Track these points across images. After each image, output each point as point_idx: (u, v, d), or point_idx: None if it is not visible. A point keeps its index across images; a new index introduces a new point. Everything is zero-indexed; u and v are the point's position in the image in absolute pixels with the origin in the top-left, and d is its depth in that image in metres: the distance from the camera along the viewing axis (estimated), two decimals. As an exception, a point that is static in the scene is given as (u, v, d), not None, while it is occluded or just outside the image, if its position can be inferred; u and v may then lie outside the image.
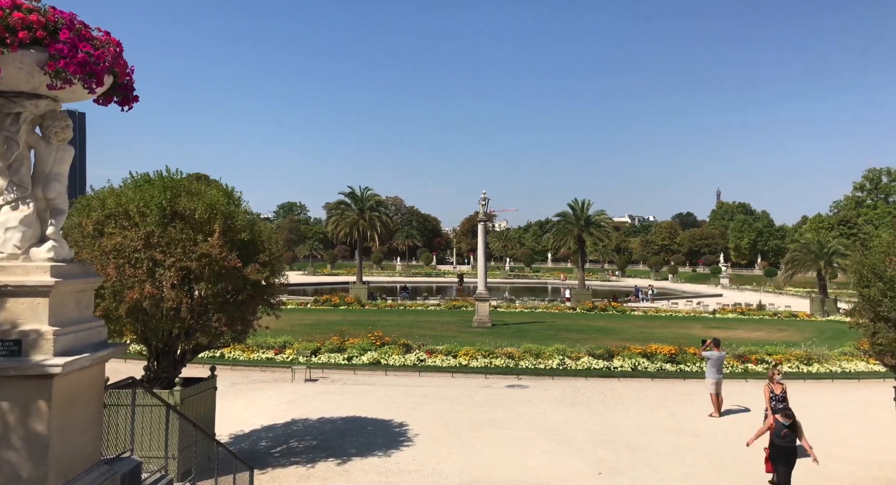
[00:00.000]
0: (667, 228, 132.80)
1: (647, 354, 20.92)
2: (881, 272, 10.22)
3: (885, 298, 10.01)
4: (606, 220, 57.87)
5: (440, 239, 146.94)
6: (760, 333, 30.92)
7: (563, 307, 44.75)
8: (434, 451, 11.65)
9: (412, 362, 20.40)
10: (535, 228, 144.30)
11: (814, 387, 18.82)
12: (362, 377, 19.20)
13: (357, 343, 21.63)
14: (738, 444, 12.44)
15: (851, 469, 10.88)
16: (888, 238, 11.34)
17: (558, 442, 12.33)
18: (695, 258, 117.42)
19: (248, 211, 11.17)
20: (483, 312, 32.39)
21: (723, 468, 10.87)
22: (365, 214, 51.78)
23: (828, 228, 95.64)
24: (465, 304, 42.13)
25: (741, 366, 20.41)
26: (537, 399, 16.48)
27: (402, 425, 13.48)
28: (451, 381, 18.91)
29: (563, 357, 20.67)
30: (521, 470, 10.65)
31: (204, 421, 10.18)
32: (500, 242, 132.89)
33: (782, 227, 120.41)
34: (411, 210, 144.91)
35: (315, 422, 13.88)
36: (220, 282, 9.67)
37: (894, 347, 9.88)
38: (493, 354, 20.80)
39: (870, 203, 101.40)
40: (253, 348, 21.33)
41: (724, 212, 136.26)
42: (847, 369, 20.36)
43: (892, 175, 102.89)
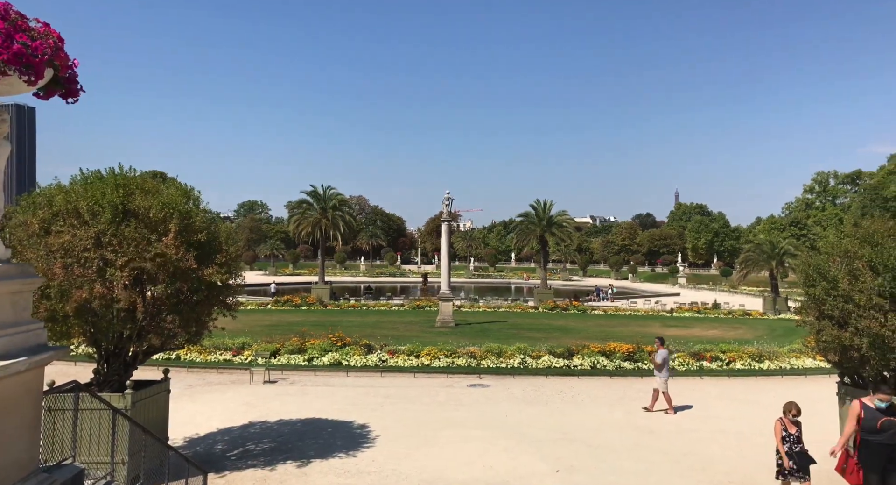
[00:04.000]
0: (627, 228, 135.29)
1: (606, 353, 21.28)
2: (825, 272, 10.61)
3: (828, 297, 10.39)
4: (568, 220, 58.60)
5: (405, 239, 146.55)
6: (715, 331, 31.79)
7: (526, 306, 45.16)
8: (394, 451, 11.62)
9: (374, 363, 20.29)
10: (499, 228, 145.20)
11: (764, 383, 19.43)
12: (323, 379, 19.00)
13: (318, 344, 21.40)
14: (693, 440, 12.80)
15: (797, 462, 11.23)
16: (833, 239, 11.80)
17: (518, 441, 12.42)
18: (654, 258, 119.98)
19: (207, 210, 10.94)
20: (446, 312, 32.45)
21: (677, 464, 11.12)
22: (328, 214, 51.24)
23: (780, 228, 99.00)
24: (429, 304, 42.13)
25: (696, 363, 20.94)
26: (498, 398, 16.58)
27: (363, 426, 13.40)
28: (413, 381, 18.88)
29: (524, 356, 20.85)
30: (480, 469, 10.70)
31: (156, 425, 9.92)
32: (464, 242, 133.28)
33: (737, 228, 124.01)
34: (375, 210, 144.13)
35: (273, 424, 13.68)
36: (175, 282, 9.46)
37: (837, 344, 10.25)
38: (456, 354, 20.85)
39: (818, 205, 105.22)
40: (210, 350, 20.90)
41: (682, 213, 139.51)
42: (796, 365, 21.09)
43: (838, 178, 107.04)
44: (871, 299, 9.68)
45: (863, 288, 9.81)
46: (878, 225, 10.60)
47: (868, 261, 10.05)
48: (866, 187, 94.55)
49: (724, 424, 14.12)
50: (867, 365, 10.09)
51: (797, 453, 9.15)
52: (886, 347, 9.47)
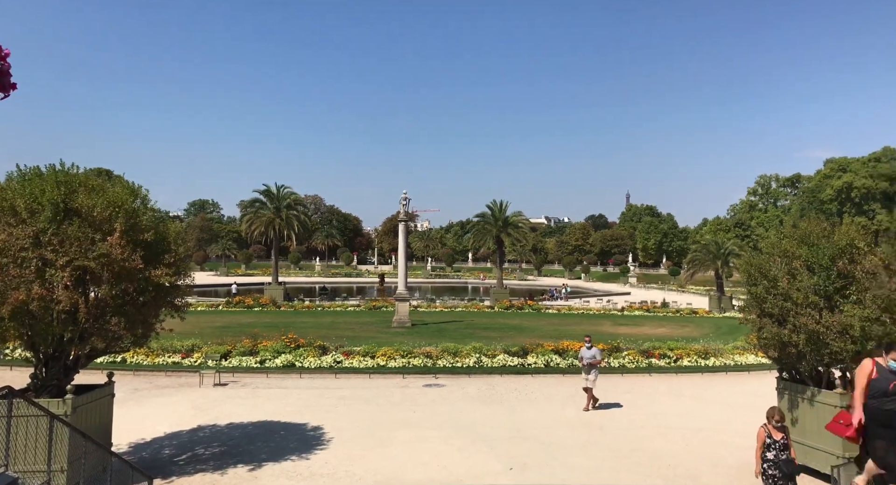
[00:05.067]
0: (580, 229, 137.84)
1: (560, 351, 21.63)
2: (766, 271, 11.05)
3: (769, 296, 10.82)
4: (524, 221, 59.23)
5: (361, 239, 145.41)
6: (664, 329, 32.71)
7: (483, 306, 45.47)
8: (348, 453, 11.53)
9: (328, 364, 20.07)
10: (456, 229, 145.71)
11: (710, 379, 20.13)
12: (276, 381, 18.70)
13: (271, 346, 21.04)
14: (641, 436, 13.14)
15: (739, 455, 11.68)
16: (773, 239, 12.32)
17: (473, 440, 12.51)
18: (606, 258, 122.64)
19: (155, 209, 10.64)
20: (403, 312, 32.36)
21: (625, 460, 11.40)
22: (281, 213, 50.32)
23: (725, 230, 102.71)
24: (386, 304, 41.95)
25: (645, 361, 21.50)
26: (453, 398, 16.66)
27: (317, 428, 13.25)
28: (369, 382, 18.77)
29: (479, 355, 21.00)
30: (434, 469, 10.73)
31: (99, 430, 9.58)
32: (421, 242, 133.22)
33: (685, 228, 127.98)
34: (331, 209, 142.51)
35: (224, 428, 13.38)
36: (120, 283, 9.16)
37: (777, 341, 10.68)
38: (412, 354, 20.83)
39: (761, 207, 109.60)
40: (158, 352, 20.31)
41: (632, 214, 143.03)
42: (739, 361, 21.90)
43: (780, 181, 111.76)
44: (808, 297, 10.15)
45: (800, 287, 10.27)
46: (813, 226, 11.09)
47: (805, 261, 10.53)
48: (805, 190, 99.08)
49: (672, 420, 14.55)
50: (804, 360, 10.56)
51: (783, 461, 8.62)
52: (821, 342, 9.94)
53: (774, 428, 8.82)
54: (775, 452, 8.59)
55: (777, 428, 8.81)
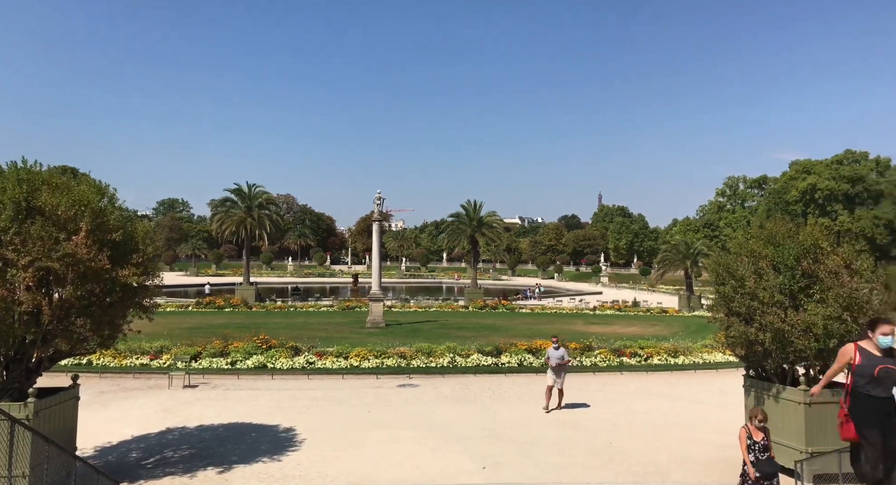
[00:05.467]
0: (553, 229, 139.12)
1: (533, 350, 21.78)
2: (734, 271, 11.27)
3: (736, 295, 11.04)
4: (498, 221, 59.54)
5: (335, 239, 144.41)
6: (635, 328, 33.17)
7: (457, 306, 45.55)
8: (320, 454, 11.44)
9: (301, 365, 19.89)
10: (430, 229, 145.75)
11: (679, 377, 20.48)
12: (247, 382, 18.46)
13: (242, 347, 20.76)
14: (612, 433, 13.30)
15: (707, 451, 11.93)
16: (741, 240, 12.58)
17: (446, 440, 12.52)
18: (578, 258, 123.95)
19: (123, 208, 10.43)
20: (377, 313, 32.24)
21: (597, 457, 11.53)
22: (253, 212, 49.68)
23: (694, 230, 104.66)
24: (359, 304, 41.74)
25: (617, 359, 21.77)
26: (427, 398, 16.65)
27: (289, 430, 13.12)
28: (342, 383, 18.65)
29: (453, 355, 21.03)
30: (408, 469, 10.71)
31: (63, 434, 9.34)
32: (396, 242, 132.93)
33: (656, 229, 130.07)
34: (304, 209, 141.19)
35: (193, 430, 13.16)
36: (85, 284, 8.94)
37: (744, 339, 10.90)
38: (386, 355, 20.76)
39: (729, 208, 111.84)
40: (125, 354, 19.90)
41: (604, 214, 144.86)
42: (708, 360, 22.31)
43: (747, 183, 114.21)
44: (774, 296, 10.39)
45: (766, 286, 10.50)
46: (779, 227, 11.36)
47: (771, 260, 10.77)
48: (771, 191, 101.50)
49: (642, 417, 14.77)
50: (769, 358, 10.79)
51: (763, 462, 8.57)
52: (786, 340, 10.18)
53: (756, 428, 8.77)
54: (755, 453, 8.58)
55: (758, 428, 8.76)
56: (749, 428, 8.77)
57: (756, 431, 8.72)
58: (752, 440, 8.62)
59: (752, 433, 8.70)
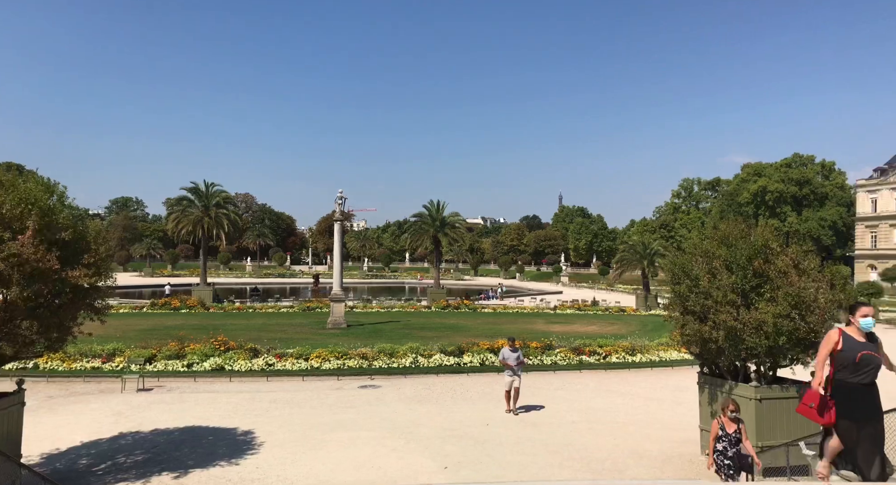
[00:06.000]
0: (515, 229, 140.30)
1: (495, 350, 21.90)
2: (689, 271, 11.59)
3: (691, 294, 11.36)
4: (460, 221, 59.76)
5: (295, 238, 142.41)
6: (594, 326, 33.74)
7: (419, 306, 45.50)
8: (280, 457, 11.28)
9: (260, 367, 19.56)
10: (393, 229, 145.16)
11: (636, 375, 20.91)
12: (204, 385, 18.05)
13: (198, 349, 20.29)
14: (572, 431, 13.49)
15: (662, 447, 12.22)
16: (696, 240, 12.93)
17: (408, 440, 12.50)
18: (539, 258, 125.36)
19: (74, 206, 10.07)
20: (338, 313, 31.94)
21: (557, 455, 11.67)
22: (210, 211, 48.57)
23: (651, 231, 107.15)
24: (320, 305, 41.28)
25: (576, 358, 22.10)
26: (389, 398, 16.59)
27: (248, 433, 12.88)
28: (302, 384, 18.42)
29: (416, 356, 21.00)
30: (369, 470, 10.65)
31: (7, 441, 8.97)
32: (358, 242, 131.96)
33: (614, 229, 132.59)
34: (263, 208, 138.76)
35: (148, 434, 12.80)
36: (32, 285, 8.59)
37: (698, 337, 11.21)
38: (347, 356, 20.59)
39: (684, 209, 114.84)
40: (75, 357, 19.22)
41: (565, 215, 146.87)
42: (664, 357, 22.85)
43: (701, 185, 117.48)
44: (727, 295, 10.71)
45: (719, 285, 10.82)
46: (732, 228, 11.72)
47: (724, 260, 11.11)
48: (724, 193, 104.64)
49: (601, 414, 15.03)
50: (723, 355, 11.14)
51: (735, 454, 8.57)
52: (738, 338, 10.51)
53: (729, 420, 8.76)
54: (725, 444, 8.61)
55: (731, 420, 8.75)
56: (722, 420, 8.83)
57: (729, 422, 8.75)
58: (725, 432, 8.68)
59: (725, 425, 8.76)
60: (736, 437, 8.64)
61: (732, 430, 8.66)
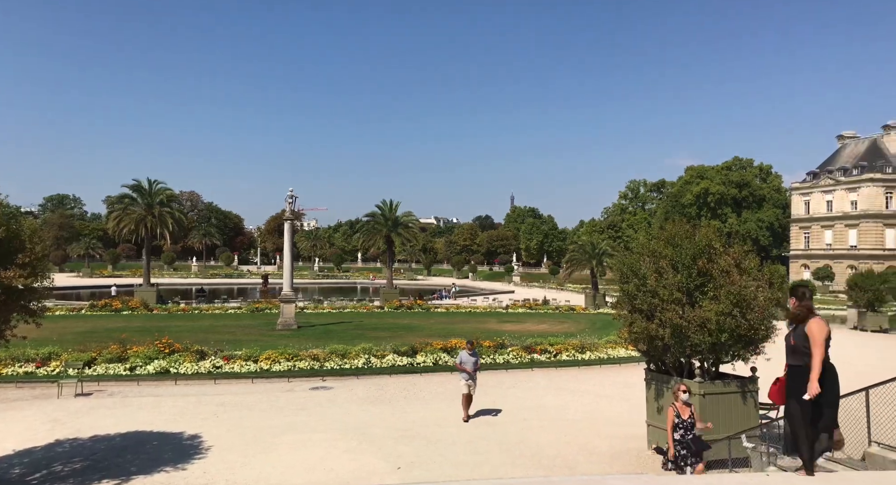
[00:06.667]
0: (468, 229, 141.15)
1: (448, 349, 21.98)
2: (637, 270, 11.91)
3: (639, 293, 11.66)
4: (414, 221, 59.67)
5: (243, 238, 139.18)
6: (544, 325, 34.26)
7: (372, 307, 45.20)
8: (228, 461, 10.99)
9: (207, 370, 19.02)
10: (345, 228, 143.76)
11: (586, 372, 21.36)
12: (147, 389, 17.43)
13: (142, 351, 19.58)
14: (524, 429, 13.65)
15: (611, 443, 12.51)
16: (643, 240, 13.29)
17: (360, 441, 12.39)
18: (492, 258, 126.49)
19: (5, 204, 9.57)
20: (288, 314, 31.41)
21: (509, 453, 11.79)
22: (154, 210, 46.94)
23: (599, 231, 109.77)
24: (270, 306, 40.46)
25: (528, 356, 22.39)
26: (341, 399, 16.41)
27: (194, 437, 12.50)
28: (251, 387, 18.02)
29: (368, 356, 20.84)
30: (320, 472, 10.51)
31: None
32: (308, 242, 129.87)
33: (564, 229, 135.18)
34: (210, 207, 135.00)
35: (87, 441, 12.26)
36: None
37: (645, 335, 11.53)
38: (298, 357, 20.25)
39: (631, 210, 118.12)
40: (7, 362, 18.28)
41: (516, 215, 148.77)
42: (612, 355, 23.41)
43: (647, 186, 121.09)
44: (673, 294, 11.05)
45: (666, 284, 11.15)
46: (678, 228, 12.10)
47: (670, 260, 11.46)
48: (669, 195, 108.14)
49: (552, 412, 15.28)
50: (669, 352, 11.48)
51: (690, 440, 8.59)
52: (684, 336, 10.86)
53: (682, 405, 8.87)
54: (682, 431, 8.73)
55: (684, 404, 8.85)
56: (676, 407, 8.99)
57: (683, 407, 8.88)
58: (680, 418, 8.84)
59: (680, 411, 8.91)
60: (690, 421, 8.84)
61: (687, 414, 8.84)
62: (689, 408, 8.87)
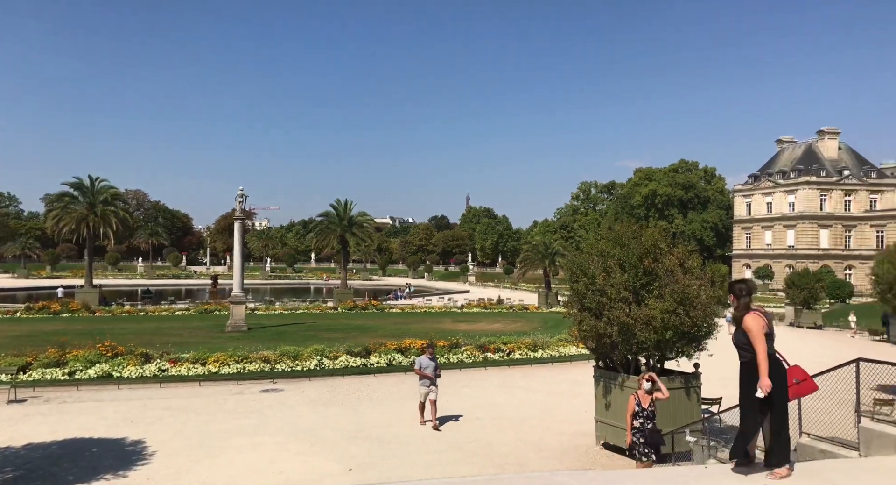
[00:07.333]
0: (424, 229, 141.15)
1: (402, 350, 21.92)
2: (586, 269, 12.17)
3: (588, 291, 11.93)
4: (368, 221, 59.24)
5: (192, 238, 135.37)
6: (498, 324, 34.59)
7: (325, 308, 44.69)
8: (173, 466, 10.67)
9: (153, 373, 18.43)
10: (298, 228, 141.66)
11: (538, 370, 21.66)
12: (88, 394, 16.76)
13: (82, 355, 18.81)
14: (477, 427, 13.74)
15: (561, 440, 12.73)
16: (592, 240, 13.58)
17: (312, 443, 12.24)
18: (448, 258, 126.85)
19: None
20: (238, 316, 30.74)
21: (461, 452, 11.85)
22: (96, 209, 45.13)
23: (552, 231, 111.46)
24: (220, 307, 39.54)
25: (482, 355, 22.55)
26: (293, 401, 16.17)
27: (138, 443, 12.08)
28: (199, 390, 17.55)
29: (321, 357, 20.58)
30: (269, 475, 10.32)
31: None
32: (260, 242, 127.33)
33: (518, 230, 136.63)
34: (157, 205, 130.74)
35: (20, 450, 11.68)
36: None
37: (594, 333, 11.79)
38: (248, 359, 19.82)
39: (583, 211, 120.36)
40: (-67, 369, 17.20)
41: (472, 216, 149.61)
42: (563, 353, 23.80)
43: (598, 188, 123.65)
44: (620, 293, 11.34)
45: (613, 283, 11.44)
46: (625, 229, 12.44)
47: (618, 260, 11.76)
48: (619, 196, 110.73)
49: (505, 410, 15.43)
50: (616, 350, 11.78)
51: (650, 430, 8.51)
52: (630, 333, 11.16)
53: (644, 394, 8.83)
54: (641, 420, 8.75)
55: (647, 392, 8.79)
56: (638, 395, 9.07)
57: (644, 396, 8.92)
58: (641, 407, 8.92)
59: (641, 400, 8.98)
60: (651, 410, 8.96)
61: (648, 404, 8.94)
62: (649, 397, 9.00)
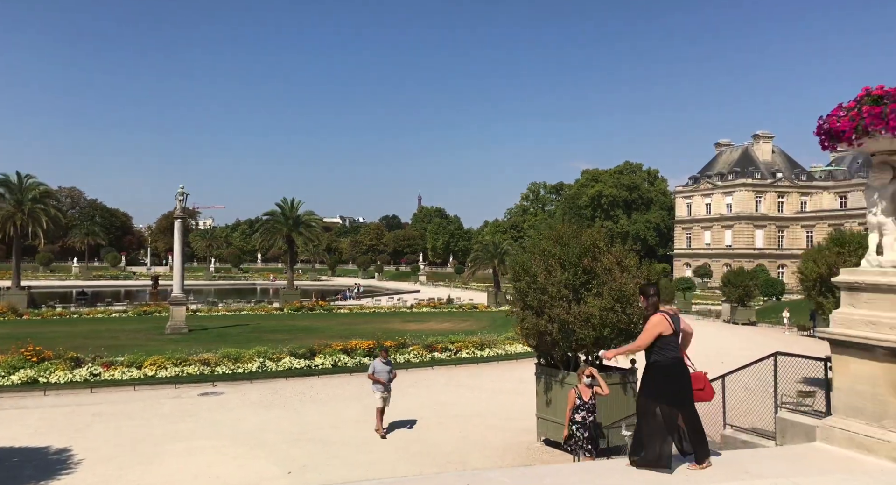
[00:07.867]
0: (374, 229, 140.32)
1: (348, 350, 21.67)
2: (528, 268, 12.33)
3: (530, 290, 12.09)
4: (316, 220, 58.41)
5: (132, 237, 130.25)
6: (448, 323, 34.67)
7: (271, 309, 43.78)
8: (103, 474, 10.23)
9: (83, 378, 17.62)
10: (243, 227, 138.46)
11: (485, 368, 21.81)
12: (11, 401, 15.87)
13: (4, 360, 17.81)
14: (421, 427, 13.72)
15: (505, 437, 12.85)
16: (535, 240, 13.78)
17: (251, 447, 11.96)
18: (399, 258, 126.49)
19: None
20: (178, 317, 29.77)
21: (405, 452, 11.81)
22: (24, 207, 42.85)
23: (502, 231, 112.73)
24: (159, 309, 38.17)
25: (429, 355, 22.54)
26: (232, 405, 15.76)
27: (63, 451, 11.51)
28: (133, 395, 16.89)
29: (263, 359, 20.12)
30: (206, 480, 10.02)
31: None
32: (204, 242, 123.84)
33: (469, 229, 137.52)
34: (93, 204, 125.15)
35: (-67, 464, 10.96)
36: None
37: (536, 331, 11.96)
38: (187, 362, 19.19)
39: (532, 211, 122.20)
40: None
41: (423, 215, 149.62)
42: (510, 351, 24.05)
43: (547, 188, 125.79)
44: (560, 291, 11.54)
45: (554, 282, 11.63)
46: (566, 229, 12.67)
47: (559, 258, 11.96)
48: (567, 197, 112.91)
49: (449, 409, 15.47)
50: (557, 347, 11.96)
51: (591, 424, 8.41)
52: (570, 330, 11.36)
53: (585, 387, 8.80)
54: (584, 413, 8.74)
55: (587, 386, 8.79)
56: (578, 389, 9.10)
57: (585, 389, 8.92)
58: (582, 400, 8.93)
59: (582, 393, 9.00)
60: (592, 403, 9.03)
61: (588, 397, 8.97)
62: (590, 390, 9.08)
